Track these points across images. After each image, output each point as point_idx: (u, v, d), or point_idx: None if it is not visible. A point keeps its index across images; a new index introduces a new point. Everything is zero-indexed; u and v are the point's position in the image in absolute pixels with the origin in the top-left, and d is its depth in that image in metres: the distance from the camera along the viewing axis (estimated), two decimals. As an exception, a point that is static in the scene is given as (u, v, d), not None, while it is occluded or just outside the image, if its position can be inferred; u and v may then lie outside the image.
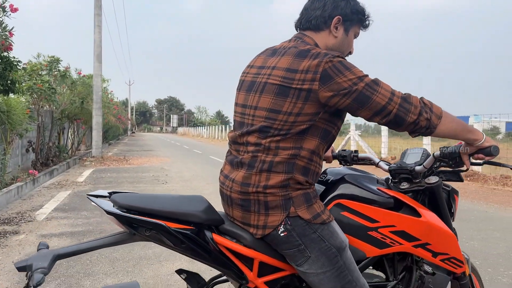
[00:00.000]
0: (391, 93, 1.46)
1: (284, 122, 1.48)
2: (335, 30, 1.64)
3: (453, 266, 1.83)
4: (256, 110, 1.54)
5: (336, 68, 1.44)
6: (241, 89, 1.66)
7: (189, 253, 1.47)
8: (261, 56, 1.67)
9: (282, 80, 1.49)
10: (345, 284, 1.48)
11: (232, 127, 1.70)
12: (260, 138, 1.51)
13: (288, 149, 1.48)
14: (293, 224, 1.46)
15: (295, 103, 1.46)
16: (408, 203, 1.75)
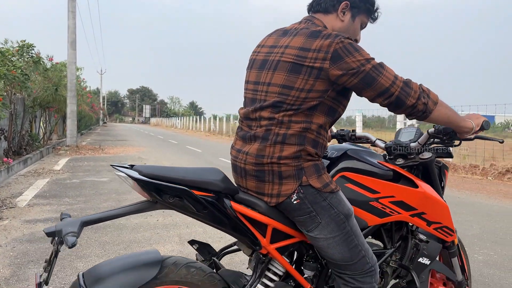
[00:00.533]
0: (394, 77, 1.57)
1: (296, 98, 1.57)
2: (342, 14, 1.74)
3: (444, 234, 1.98)
4: (269, 87, 1.62)
5: (346, 49, 1.54)
6: (253, 68, 1.74)
7: (210, 219, 1.55)
8: (272, 36, 1.75)
9: (295, 58, 1.58)
10: (352, 247, 1.60)
11: (243, 104, 1.77)
12: (274, 113, 1.60)
13: (300, 123, 1.58)
14: (305, 193, 1.57)
15: (307, 80, 1.56)
16: (406, 175, 1.88)
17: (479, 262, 3.71)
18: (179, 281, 1.53)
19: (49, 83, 12.78)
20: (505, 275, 3.39)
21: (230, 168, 1.76)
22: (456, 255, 2.16)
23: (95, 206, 5.56)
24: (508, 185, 8.85)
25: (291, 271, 1.69)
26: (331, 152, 1.92)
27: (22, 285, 2.95)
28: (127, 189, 6.98)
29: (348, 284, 1.61)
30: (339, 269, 1.62)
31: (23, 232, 4.27)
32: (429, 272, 2.07)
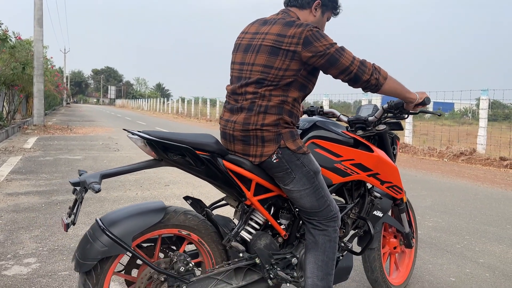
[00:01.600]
0: (353, 58, 1.93)
1: (275, 75, 1.91)
2: (314, 11, 2.09)
3: (395, 192, 2.39)
4: (253, 66, 1.95)
5: (314, 36, 1.89)
6: (238, 51, 2.06)
7: (206, 174, 1.88)
8: (254, 25, 2.08)
9: (274, 43, 1.91)
10: (319, 198, 1.97)
11: (230, 81, 2.09)
12: (257, 88, 1.93)
13: (278, 96, 1.92)
14: (283, 153, 1.92)
15: (284, 61, 1.90)
16: (364, 142, 2.27)
17: (429, 227, 4.21)
18: (179, 225, 1.86)
19: (16, 61, 12.57)
20: (449, 237, 3.90)
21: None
22: (404, 211, 2.59)
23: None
24: (461, 166, 9.56)
25: (270, 219, 2.05)
26: (302, 124, 2.28)
27: (17, 247, 3.20)
28: (102, 166, 7.18)
29: (316, 227, 1.99)
30: (309, 216, 2.00)
31: (7, 203, 4.45)
32: (382, 224, 2.49)
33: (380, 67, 2.00)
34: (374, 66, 1.97)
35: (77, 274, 2.75)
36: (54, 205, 4.44)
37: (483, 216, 4.75)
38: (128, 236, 1.71)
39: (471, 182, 7.15)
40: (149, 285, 1.84)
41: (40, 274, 2.74)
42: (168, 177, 6.30)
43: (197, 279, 1.89)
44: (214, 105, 29.31)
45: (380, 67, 2.00)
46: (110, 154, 8.84)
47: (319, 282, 1.96)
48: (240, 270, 2.03)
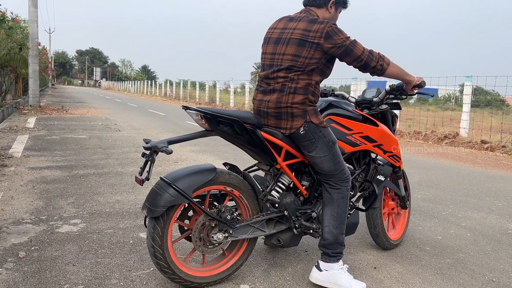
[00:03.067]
0: (363, 48, 2.38)
1: (302, 63, 2.34)
2: (330, 8, 2.51)
3: (395, 160, 2.88)
4: (284, 56, 2.38)
5: (334, 31, 2.33)
6: (269, 43, 2.49)
7: (247, 142, 2.32)
8: (282, 21, 2.50)
9: (301, 36, 2.35)
10: (335, 163, 2.43)
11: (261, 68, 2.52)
12: (287, 73, 2.36)
13: (304, 80, 2.36)
14: (308, 126, 2.37)
15: (309, 51, 2.33)
16: (371, 119, 2.74)
17: (418, 199, 4.74)
18: (225, 182, 2.32)
19: (12, 42, 12.69)
20: (435, 206, 4.43)
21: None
22: (401, 178, 3.08)
23: (87, 158, 6.14)
24: (444, 148, 10.17)
25: (295, 180, 2.52)
26: (320, 103, 2.73)
27: (60, 211, 3.61)
28: (109, 144, 7.55)
29: (332, 187, 2.46)
30: (327, 178, 2.46)
31: (34, 176, 4.84)
32: (383, 188, 2.98)
33: (384, 55, 2.45)
34: (379, 55, 2.42)
35: (120, 232, 3.19)
36: (78, 178, 4.83)
37: (465, 190, 5.30)
38: (189, 189, 2.16)
39: (454, 162, 7.73)
40: (202, 230, 2.30)
41: (88, 231, 3.17)
42: (175, 154, 6.71)
43: (240, 226, 2.36)
44: (203, 88, 29.52)
45: (384, 55, 2.45)
46: (113, 134, 9.19)
47: (334, 230, 2.44)
48: (271, 221, 2.50)
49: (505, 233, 3.65)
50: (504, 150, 9.69)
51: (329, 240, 2.43)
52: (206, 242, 2.32)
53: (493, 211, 4.38)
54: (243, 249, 2.48)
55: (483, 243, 3.37)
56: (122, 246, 2.93)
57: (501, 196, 5.07)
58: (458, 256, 3.06)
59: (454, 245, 3.30)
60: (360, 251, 3.07)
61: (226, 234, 2.31)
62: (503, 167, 7.51)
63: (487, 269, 2.86)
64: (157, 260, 2.20)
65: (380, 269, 2.77)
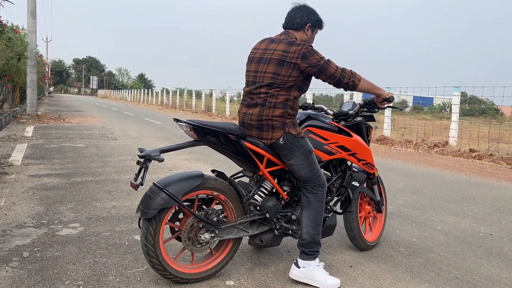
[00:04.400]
0: (336, 67, 2.65)
1: (282, 80, 2.61)
2: (307, 31, 2.79)
3: (368, 168, 3.15)
4: (265, 73, 2.65)
5: (309, 52, 2.59)
6: (252, 62, 2.75)
7: (232, 151, 2.58)
8: (264, 43, 2.77)
9: (281, 57, 2.62)
10: (312, 170, 2.69)
11: (246, 84, 2.77)
12: (268, 89, 2.63)
13: (284, 95, 2.63)
14: (287, 137, 2.63)
15: (287, 69, 2.60)
16: (345, 130, 3.01)
17: (400, 204, 5.00)
18: (212, 187, 2.57)
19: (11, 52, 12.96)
20: (415, 211, 4.69)
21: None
22: (376, 183, 3.35)
23: (85, 166, 6.38)
24: (434, 156, 10.45)
25: (276, 186, 2.78)
26: (299, 116, 3.00)
27: (60, 216, 3.85)
28: (106, 153, 7.79)
29: (309, 191, 2.72)
30: (305, 183, 2.72)
31: (34, 183, 5.08)
32: (359, 193, 3.24)
33: (355, 72, 2.71)
34: (351, 72, 2.69)
35: (117, 235, 3.43)
36: (76, 185, 5.07)
37: (446, 197, 5.57)
38: (179, 193, 2.41)
39: (441, 170, 8.01)
40: (191, 231, 2.55)
41: (87, 234, 3.41)
42: (169, 163, 6.96)
43: (225, 227, 2.61)
44: (199, 97, 29.83)
45: (356, 72, 2.72)
46: (109, 142, 9.43)
47: (311, 230, 2.70)
48: (254, 223, 2.76)
49: (476, 236, 3.91)
50: (491, 159, 9.99)
51: (306, 240, 2.68)
52: (195, 241, 2.56)
53: (468, 215, 4.64)
54: (228, 248, 2.73)
55: (454, 245, 3.63)
56: (118, 247, 3.17)
57: (479, 202, 5.34)
58: (428, 256, 3.32)
59: (427, 246, 3.55)
60: (338, 251, 3.33)
61: (212, 234, 2.56)
62: (487, 174, 7.79)
63: (453, 267, 3.11)
64: (150, 258, 2.44)
65: (355, 267, 3.02)
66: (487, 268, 3.13)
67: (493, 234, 3.99)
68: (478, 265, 3.19)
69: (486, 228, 4.19)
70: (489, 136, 11.59)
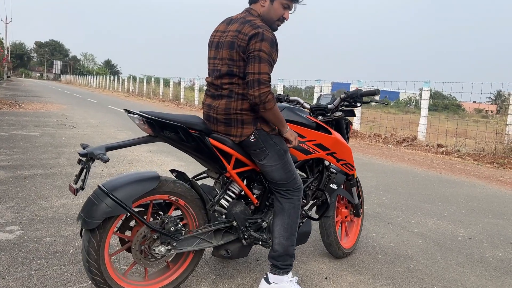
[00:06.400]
0: (265, 73, 2.12)
1: (238, 67, 2.19)
2: (263, 2, 2.31)
3: (348, 168, 2.83)
4: (222, 60, 2.24)
5: (258, 36, 2.12)
6: (212, 47, 2.34)
7: (194, 149, 2.20)
8: (223, 24, 2.35)
9: (232, 38, 2.20)
10: (287, 172, 2.35)
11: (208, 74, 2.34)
12: (230, 78, 2.23)
13: None
14: (259, 134, 2.27)
15: (238, 54, 2.18)
16: (324, 126, 2.68)
17: (374, 204, 4.75)
18: (169, 191, 2.18)
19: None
20: (390, 212, 4.45)
21: None
22: (355, 185, 3.04)
23: (35, 157, 5.82)
24: (403, 151, 10.36)
25: (245, 189, 2.42)
26: None
27: (-4, 217, 3.37)
28: (62, 143, 7.21)
29: (283, 196, 2.37)
30: (278, 187, 2.37)
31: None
32: (336, 196, 2.93)
33: (275, 102, 2.18)
34: (273, 96, 2.15)
35: (61, 240, 2.99)
36: (22, 179, 4.55)
37: (420, 195, 5.38)
38: (129, 199, 2.02)
39: (411, 166, 7.87)
40: (143, 243, 2.16)
41: (25, 239, 2.95)
42: (130, 155, 6.48)
43: (184, 238, 2.23)
44: (167, 85, 29.03)
45: (274, 103, 2.18)
46: (67, 131, 8.81)
47: (284, 241, 2.36)
48: (219, 232, 2.39)
49: (455, 240, 3.69)
50: (458, 154, 9.99)
51: (278, 252, 2.35)
52: (148, 255, 2.18)
53: (445, 216, 4.44)
54: (188, 261, 2.36)
55: (433, 251, 3.39)
56: (60, 256, 2.74)
57: (453, 201, 5.17)
58: (409, 265, 3.05)
59: (406, 252, 3.29)
60: (312, 259, 3.01)
61: (169, 247, 2.18)
62: (456, 171, 7.71)
63: (436, 278, 2.86)
64: (93, 276, 2.04)
65: (331, 279, 2.71)
66: (471, 279, 2.89)
67: (472, 238, 3.78)
68: (462, 275, 2.95)
69: (464, 230, 3.99)
70: (456, 132, 11.64)
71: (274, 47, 2.19)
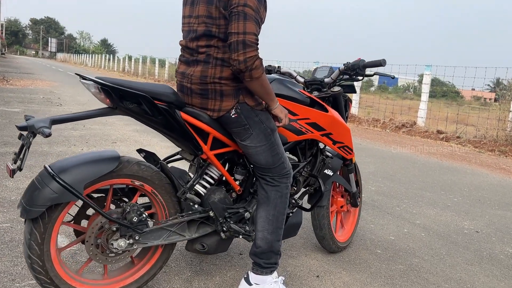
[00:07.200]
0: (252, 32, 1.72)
1: (218, 27, 1.80)
2: None
3: (345, 152, 2.47)
4: (198, 18, 1.85)
5: None
6: (187, 4, 1.94)
7: (162, 125, 1.82)
8: None
9: None
10: (274, 155, 1.99)
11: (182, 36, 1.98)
12: (208, 40, 1.84)
13: None
14: (241, 109, 1.90)
15: (217, 10, 1.78)
16: (320, 102, 2.31)
17: (372, 191, 4.42)
18: (132, 175, 1.82)
19: None
20: (389, 201, 4.12)
21: None
22: (353, 172, 2.69)
23: (11, 134, 5.44)
24: (402, 137, 10.03)
25: (225, 174, 2.06)
26: None
27: (-49, 198, 3.00)
28: (44, 120, 6.81)
29: (269, 183, 2.02)
30: (263, 172, 2.02)
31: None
32: (332, 183, 2.58)
33: (263, 70, 1.80)
34: (258, 60, 1.75)
35: (20, 226, 2.64)
36: (-9, 157, 4.18)
37: (421, 183, 5.05)
38: (79, 183, 1.66)
39: (411, 152, 7.54)
40: (100, 235, 1.81)
41: (-22, 225, 2.60)
42: (115, 134, 6.11)
43: (150, 230, 1.88)
44: (162, 65, 28.47)
45: (263, 70, 1.79)
46: (52, 108, 8.40)
47: (269, 236, 2.01)
48: (193, 223, 2.04)
49: (461, 233, 3.37)
50: (458, 141, 9.66)
51: (262, 248, 2.00)
52: (106, 249, 1.83)
53: (448, 206, 4.12)
54: (156, 256, 2.01)
55: (438, 245, 3.06)
56: (15, 246, 2.39)
57: (456, 190, 4.84)
58: (411, 262, 2.73)
59: (408, 247, 2.96)
60: (303, 253, 2.68)
61: (130, 241, 1.83)
62: (457, 158, 7.39)
63: (442, 278, 2.53)
64: (36, 274, 1.70)
65: (324, 278, 2.38)
66: (481, 279, 2.57)
67: (479, 231, 3.46)
68: (470, 274, 2.63)
69: (470, 223, 3.67)
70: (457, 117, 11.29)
71: (262, 2, 1.81)
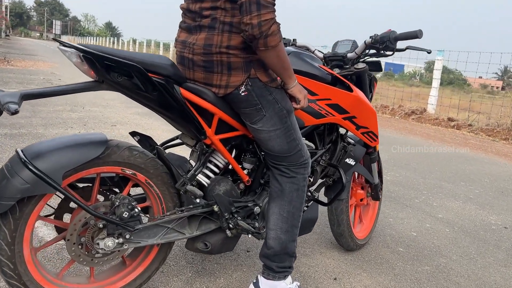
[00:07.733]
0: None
1: None
2: None
3: (370, 139, 2.17)
4: None
5: None
6: None
7: (157, 103, 1.53)
8: None
9: None
10: (290, 141, 1.69)
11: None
12: (214, 1, 1.53)
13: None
14: (253, 85, 1.60)
15: None
16: (343, 80, 2.00)
17: (387, 181, 4.12)
18: (122, 162, 1.53)
19: None
20: (407, 192, 3.83)
21: None
22: (376, 161, 2.39)
23: (6, 115, 5.15)
24: (412, 124, 9.70)
25: (232, 162, 1.77)
26: None
27: None
28: (41, 102, 6.53)
29: (283, 174, 1.73)
30: (277, 160, 1.73)
31: None
32: (352, 174, 2.28)
33: (281, 37, 1.50)
34: (274, 25, 1.45)
35: None
36: (-20, 139, 3.91)
37: (438, 173, 4.74)
38: (57, 172, 1.37)
39: (423, 139, 7.22)
40: (84, 233, 1.53)
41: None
42: (115, 117, 5.83)
43: (144, 227, 1.60)
44: (167, 49, 28.09)
45: (280, 38, 1.49)
46: (51, 89, 8.10)
47: (282, 235, 1.72)
48: (195, 218, 1.76)
49: (489, 230, 3.08)
50: (470, 129, 9.32)
51: (274, 250, 1.72)
52: (91, 249, 1.55)
53: (470, 199, 3.82)
54: (152, 256, 1.74)
55: (465, 243, 2.77)
56: (-6, 239, 2.12)
57: (476, 181, 4.54)
58: (438, 262, 2.44)
59: (432, 245, 2.68)
60: (317, 251, 2.40)
61: (120, 240, 1.55)
62: (472, 146, 7.07)
63: (475, 283, 2.25)
64: (7, 279, 1.42)
65: (342, 281, 2.10)
66: (519, 284, 2.29)
67: (508, 227, 3.17)
68: (506, 278, 2.35)
69: (497, 217, 3.37)
70: (470, 105, 10.91)
71: None
